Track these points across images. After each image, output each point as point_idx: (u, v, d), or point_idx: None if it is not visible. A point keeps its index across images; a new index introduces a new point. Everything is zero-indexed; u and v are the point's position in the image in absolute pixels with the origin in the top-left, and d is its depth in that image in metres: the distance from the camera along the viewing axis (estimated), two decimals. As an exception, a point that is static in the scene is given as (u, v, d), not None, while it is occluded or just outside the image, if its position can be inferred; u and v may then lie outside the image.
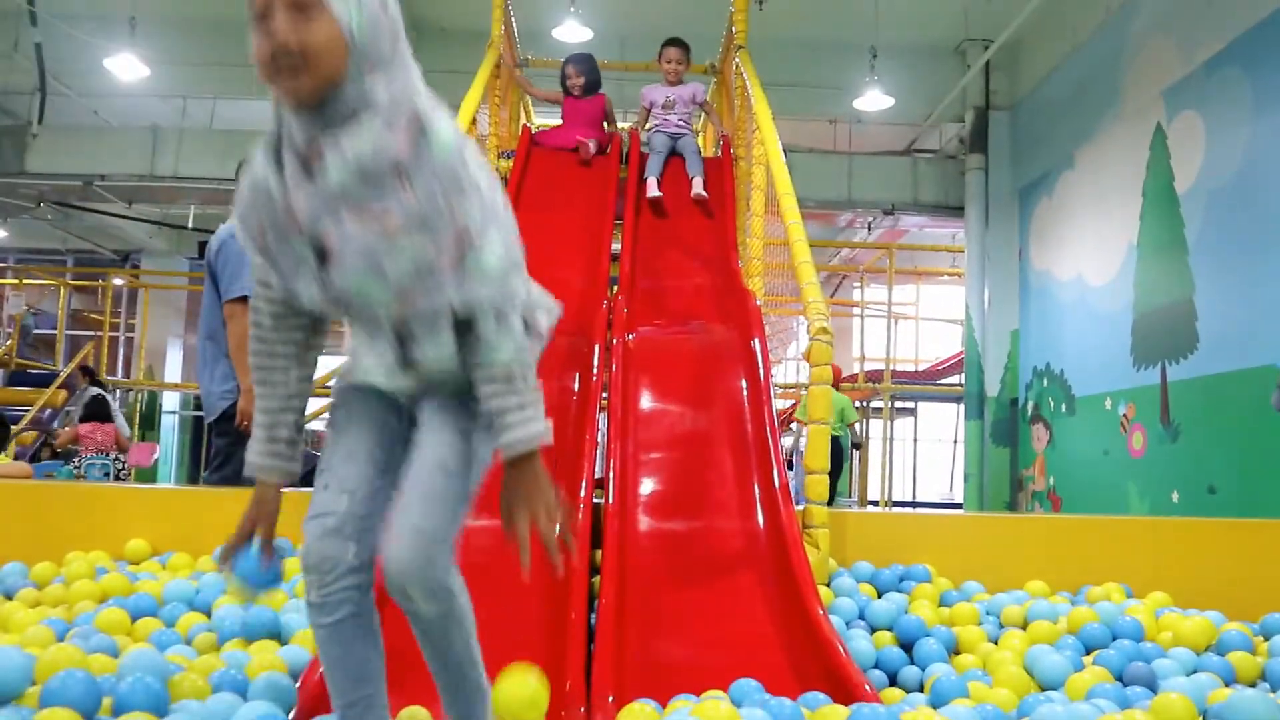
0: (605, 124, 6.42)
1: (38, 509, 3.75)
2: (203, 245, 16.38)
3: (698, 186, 5.72)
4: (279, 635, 2.58)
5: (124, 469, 9.20)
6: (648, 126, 6.19)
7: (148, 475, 14.30)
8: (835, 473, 9.03)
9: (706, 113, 6.55)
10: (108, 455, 9.06)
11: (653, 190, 5.71)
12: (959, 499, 11.61)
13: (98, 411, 9.40)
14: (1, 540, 3.58)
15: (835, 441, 8.95)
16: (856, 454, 13.13)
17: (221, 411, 4.43)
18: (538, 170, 5.85)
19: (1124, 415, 7.56)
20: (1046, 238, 9.23)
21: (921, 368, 14.71)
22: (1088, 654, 2.83)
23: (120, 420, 9.77)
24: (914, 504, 14.44)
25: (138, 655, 1.98)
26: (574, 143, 6.10)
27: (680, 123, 6.11)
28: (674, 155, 6.03)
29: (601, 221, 5.54)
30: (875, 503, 13.82)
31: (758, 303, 4.61)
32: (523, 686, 1.79)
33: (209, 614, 2.81)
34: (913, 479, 14.74)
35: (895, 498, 13.83)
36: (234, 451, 4.46)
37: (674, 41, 6.25)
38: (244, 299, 4.35)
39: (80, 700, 1.73)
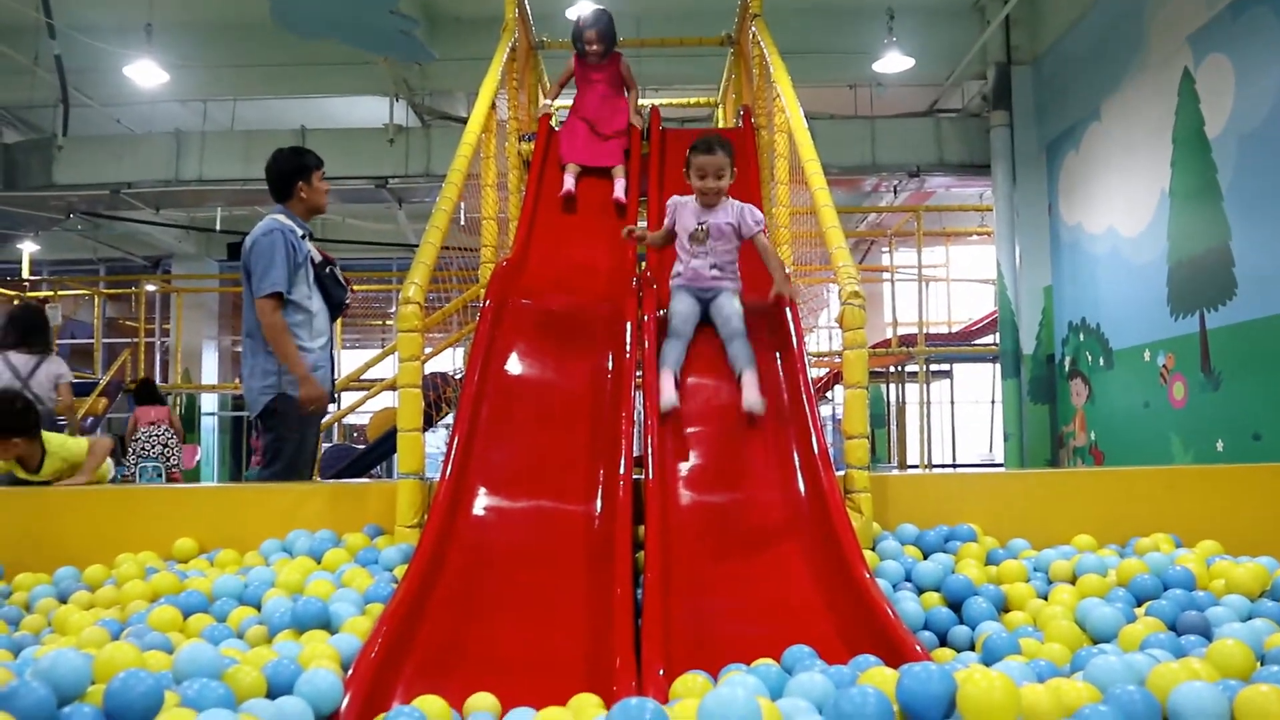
0: (625, 89, 6.10)
1: (86, 514, 3.80)
2: (232, 247, 16.59)
3: (749, 395, 3.69)
4: (329, 625, 2.60)
5: (176, 464, 9.31)
6: (673, 274, 4.21)
7: (190, 476, 14.46)
8: None
9: (761, 255, 4.15)
10: (160, 457, 9.17)
11: (668, 399, 3.71)
12: (999, 459, 11.54)
13: (150, 393, 9.61)
14: (52, 545, 3.64)
15: None
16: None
17: (264, 406, 4.48)
18: (558, 152, 5.82)
19: (1163, 366, 7.48)
20: (1076, 192, 9.13)
21: (955, 329, 14.61)
22: (1139, 605, 2.80)
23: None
24: (954, 466, 14.37)
25: (193, 650, 2.00)
26: (598, 164, 5.71)
27: (716, 272, 4.09)
28: (704, 323, 4.14)
29: (628, 200, 5.53)
30: (915, 467, 13.77)
31: (787, 271, 4.59)
32: None
33: (259, 607, 2.84)
34: (952, 442, 14.67)
35: (934, 461, 13.78)
36: (282, 447, 4.52)
37: (708, 147, 4.12)
38: (276, 295, 4.38)
39: (143, 698, 1.75)
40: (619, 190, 5.58)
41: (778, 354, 4.07)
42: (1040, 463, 9.59)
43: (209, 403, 17.09)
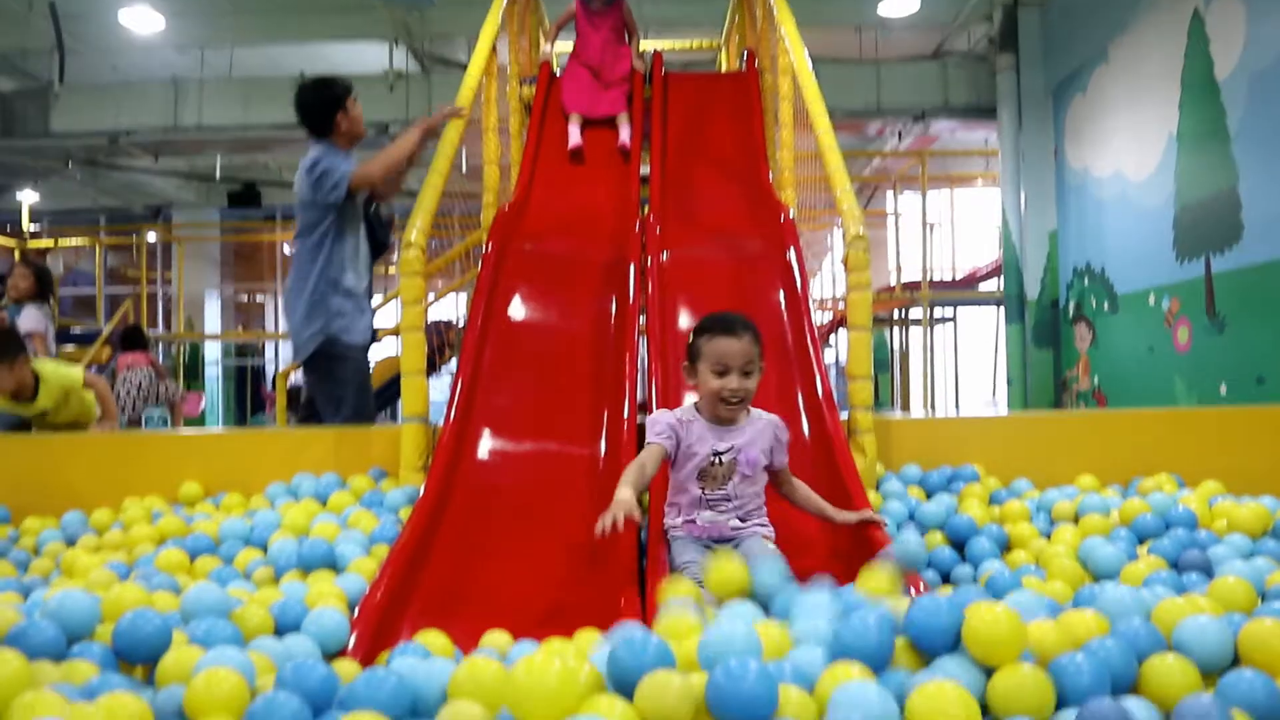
0: (627, 36, 5.97)
1: (92, 458, 3.82)
2: (232, 195, 16.37)
3: None
4: (335, 566, 2.61)
5: (160, 400, 9.29)
6: (671, 518, 2.76)
7: (194, 425, 14.51)
8: None
9: (793, 500, 2.85)
10: (138, 397, 9.16)
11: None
12: (1003, 405, 11.54)
13: (134, 339, 9.55)
14: (59, 490, 3.65)
15: None
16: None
17: (311, 352, 4.30)
18: (559, 99, 5.77)
19: (1168, 310, 7.45)
20: (1082, 135, 9.04)
21: (959, 275, 14.55)
22: (1141, 544, 2.81)
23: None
24: (957, 412, 14.36)
25: (200, 591, 2.01)
26: (601, 113, 5.62)
27: (738, 523, 2.70)
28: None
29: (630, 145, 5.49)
30: (918, 413, 13.78)
31: (791, 214, 4.57)
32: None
33: (265, 549, 2.85)
34: (955, 387, 14.67)
35: (937, 407, 13.79)
36: (343, 394, 4.31)
37: (728, 326, 2.66)
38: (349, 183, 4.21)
39: (152, 637, 1.76)
40: (624, 136, 5.49)
41: (782, 297, 4.06)
42: (1044, 407, 9.59)
43: (212, 351, 17.10)
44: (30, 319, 6.36)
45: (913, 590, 2.27)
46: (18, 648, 1.68)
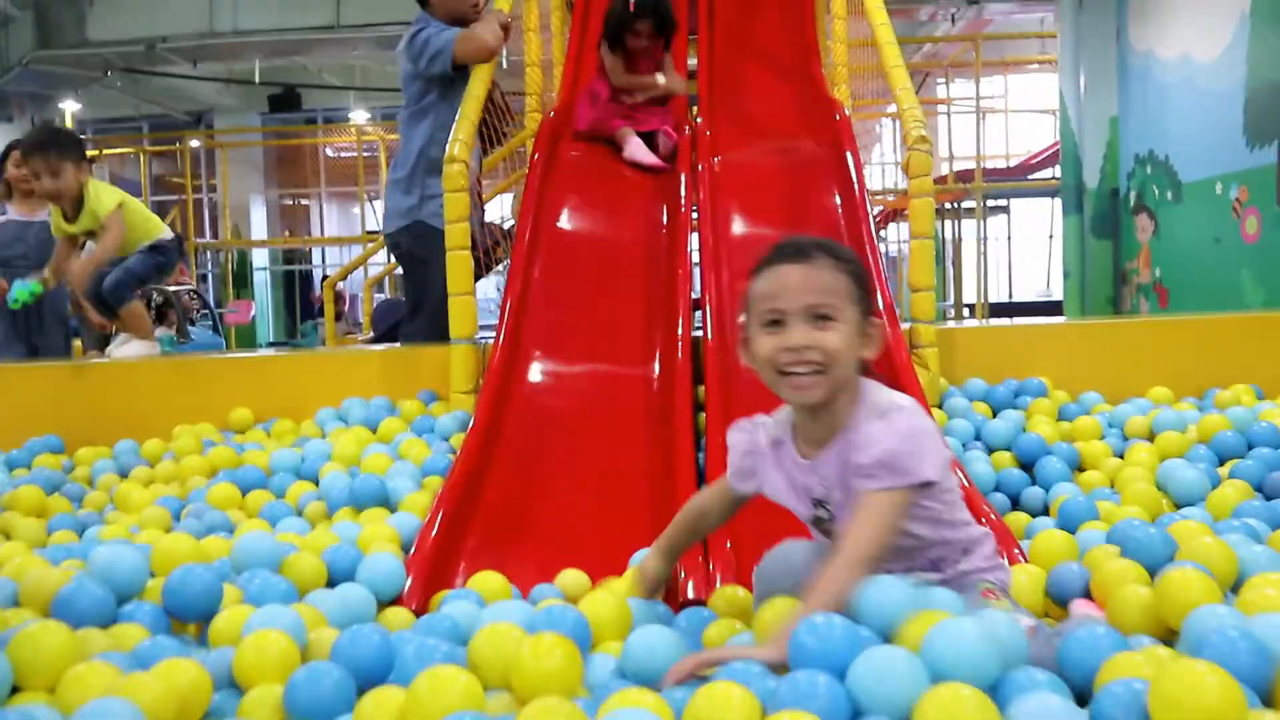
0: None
1: (143, 384, 3.80)
2: (273, 99, 16.26)
3: None
4: (387, 502, 2.56)
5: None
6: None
7: (247, 332, 14.62)
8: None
9: None
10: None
11: None
12: (1057, 297, 11.31)
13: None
14: (110, 418, 3.63)
15: None
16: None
17: (393, 240, 4.17)
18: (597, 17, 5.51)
19: (1236, 199, 7.17)
20: (1147, 15, 8.64)
21: (1013, 163, 14.17)
22: (1222, 465, 2.69)
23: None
24: (1010, 304, 14.14)
25: (250, 540, 1.96)
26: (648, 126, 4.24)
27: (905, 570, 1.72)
28: None
29: (676, 40, 5.25)
30: (971, 306, 13.57)
31: (846, 113, 4.38)
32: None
33: (316, 482, 2.81)
34: (1009, 279, 14.41)
35: (991, 300, 13.56)
36: (423, 295, 4.09)
37: (783, 252, 1.67)
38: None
39: (203, 595, 1.72)
40: (663, 143, 4.23)
41: (838, 199, 3.90)
42: (1101, 300, 9.36)
43: (260, 258, 17.15)
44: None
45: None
46: (67, 612, 1.64)
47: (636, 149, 4.12)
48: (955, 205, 13.51)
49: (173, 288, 9.13)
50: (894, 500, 1.54)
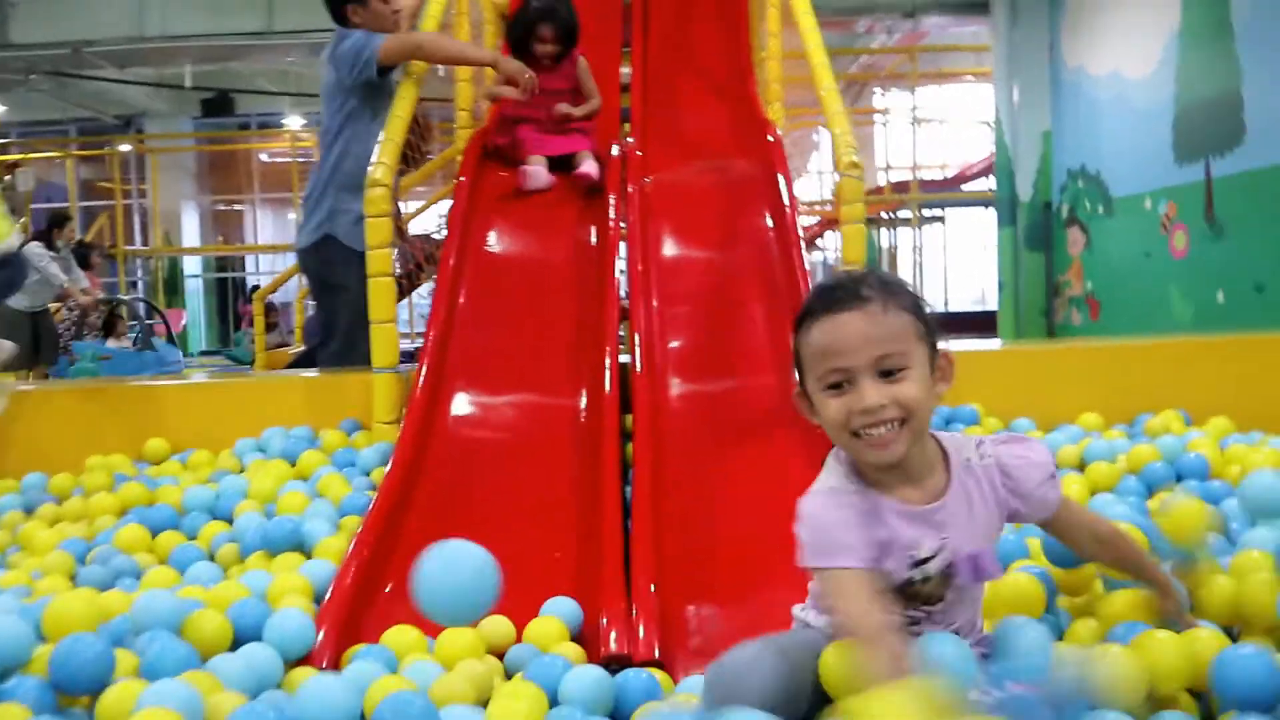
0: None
1: (55, 411, 3.69)
2: (206, 103, 15.92)
3: None
4: (302, 545, 2.47)
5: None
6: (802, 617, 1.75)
7: (179, 342, 14.31)
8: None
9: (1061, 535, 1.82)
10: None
11: None
12: (993, 307, 11.41)
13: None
14: (21, 445, 3.50)
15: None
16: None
17: (305, 246, 4.01)
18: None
19: (1165, 215, 7.27)
20: (1079, 31, 8.74)
21: (949, 173, 14.30)
22: (1151, 497, 2.68)
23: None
24: (946, 314, 14.25)
25: (150, 600, 1.86)
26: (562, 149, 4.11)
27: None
28: None
29: (608, 52, 5.19)
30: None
31: (779, 132, 4.34)
32: None
33: (232, 520, 2.71)
34: (944, 289, 14.54)
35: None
36: (333, 317, 3.98)
37: (831, 299, 1.51)
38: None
39: (92, 665, 1.61)
40: (588, 168, 4.02)
41: (769, 220, 3.86)
42: (1035, 312, 9.45)
43: (192, 265, 16.82)
44: None
45: None
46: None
47: (530, 179, 3.96)
48: (891, 215, 13.60)
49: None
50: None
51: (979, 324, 10.64)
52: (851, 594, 1.42)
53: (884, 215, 13.66)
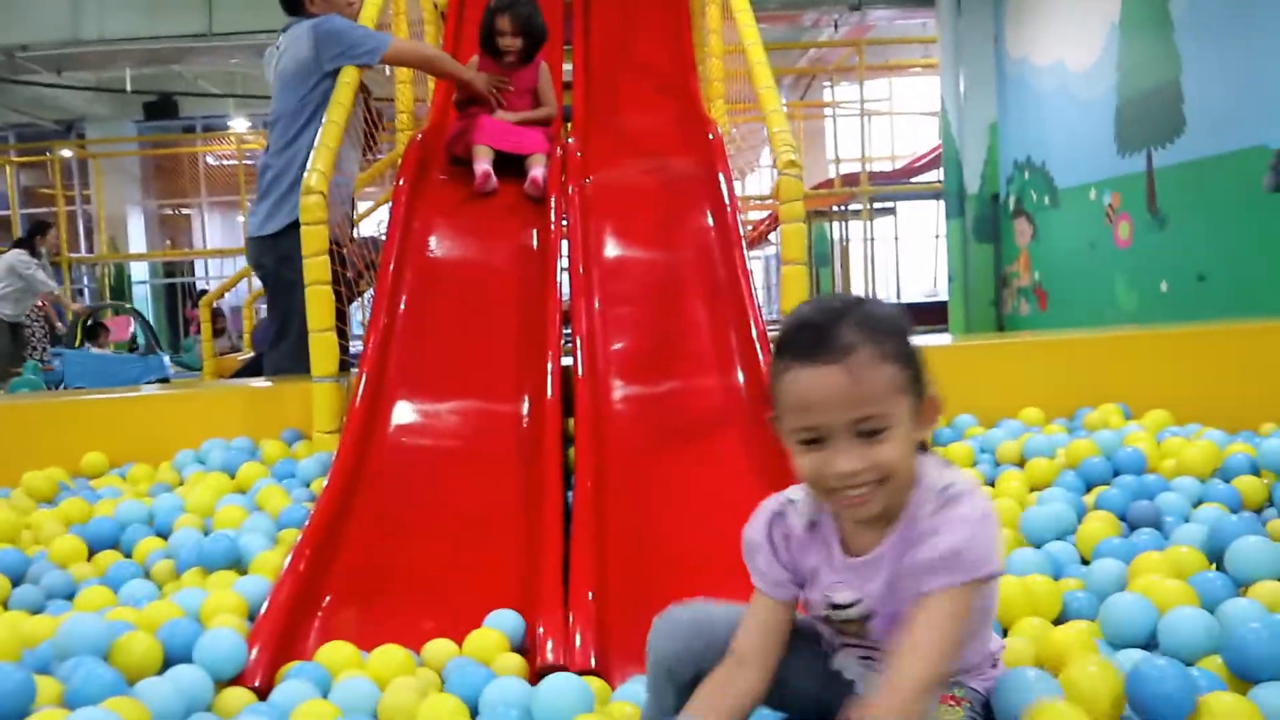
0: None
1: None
2: (148, 107, 15.65)
3: None
4: (238, 562, 2.43)
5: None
6: None
7: (125, 348, 14.11)
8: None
9: None
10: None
11: None
12: (944, 297, 11.50)
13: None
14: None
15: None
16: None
17: (263, 234, 3.93)
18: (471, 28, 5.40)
19: (1109, 205, 7.34)
20: (1022, 22, 8.80)
21: (899, 164, 14.38)
22: (1089, 491, 2.70)
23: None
24: (898, 305, 14.32)
25: (76, 624, 1.82)
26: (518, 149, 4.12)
27: (862, 667, 1.52)
28: None
29: (550, 52, 5.16)
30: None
31: (720, 131, 4.34)
32: None
33: (168, 537, 2.67)
34: (896, 280, 14.62)
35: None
36: (289, 314, 3.86)
37: (806, 346, 1.36)
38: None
39: (11, 697, 1.58)
40: (537, 172, 4.03)
41: (710, 221, 3.86)
42: (984, 303, 9.52)
43: (140, 271, 16.59)
44: None
45: None
46: None
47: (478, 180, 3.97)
48: (842, 208, 13.65)
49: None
50: (961, 599, 1.30)
51: (931, 315, 10.70)
52: (751, 612, 1.49)
53: (835, 209, 13.71)
